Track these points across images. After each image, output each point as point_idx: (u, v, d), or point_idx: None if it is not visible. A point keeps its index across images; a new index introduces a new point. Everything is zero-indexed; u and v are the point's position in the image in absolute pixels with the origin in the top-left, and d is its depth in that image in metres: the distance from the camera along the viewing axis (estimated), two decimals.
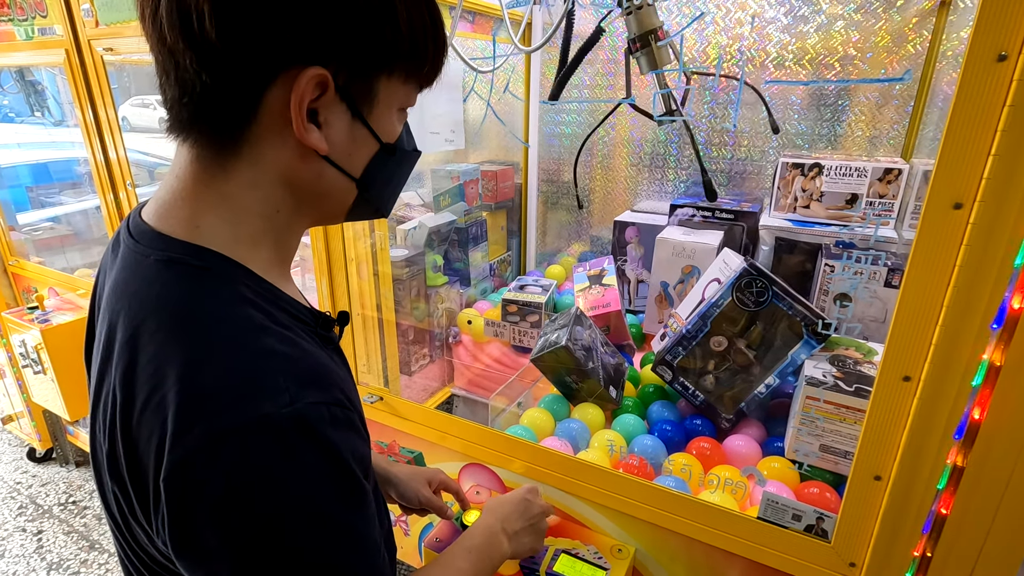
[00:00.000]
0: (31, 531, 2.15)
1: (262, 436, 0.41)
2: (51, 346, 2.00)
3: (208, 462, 0.40)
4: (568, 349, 1.16)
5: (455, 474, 1.18)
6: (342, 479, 0.45)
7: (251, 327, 0.46)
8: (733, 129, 1.58)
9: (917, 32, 1.30)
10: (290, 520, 0.41)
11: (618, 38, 1.67)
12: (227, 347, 0.44)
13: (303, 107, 0.46)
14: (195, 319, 0.45)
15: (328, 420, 0.44)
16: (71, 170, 2.66)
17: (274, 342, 0.45)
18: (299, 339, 0.48)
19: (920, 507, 0.70)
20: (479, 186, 1.82)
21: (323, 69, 0.45)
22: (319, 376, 0.46)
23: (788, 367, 1.07)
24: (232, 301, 0.47)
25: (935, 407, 0.65)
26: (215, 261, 0.48)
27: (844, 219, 1.30)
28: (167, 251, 0.48)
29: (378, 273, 1.38)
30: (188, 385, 0.42)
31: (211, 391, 0.42)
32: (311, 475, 0.43)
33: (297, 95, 0.45)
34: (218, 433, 0.40)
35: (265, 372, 0.43)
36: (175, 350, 0.43)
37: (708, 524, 0.89)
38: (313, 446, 0.43)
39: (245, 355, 0.44)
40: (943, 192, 0.59)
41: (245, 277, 0.49)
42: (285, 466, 0.41)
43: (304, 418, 0.42)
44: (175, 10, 0.43)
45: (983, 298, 0.59)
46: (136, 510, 0.47)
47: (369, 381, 1.34)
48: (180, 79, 0.45)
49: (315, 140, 0.48)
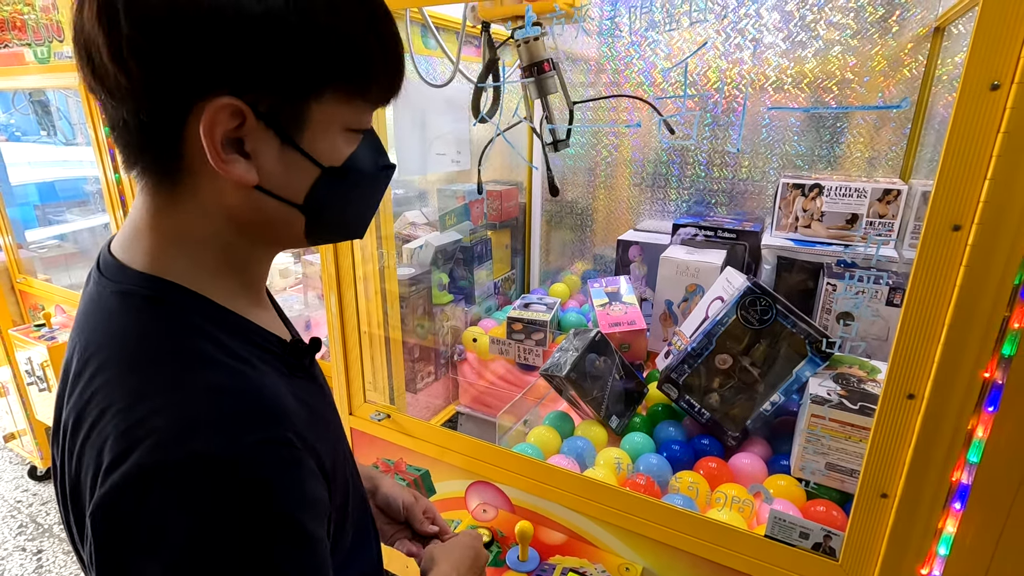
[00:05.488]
0: (31, 550, 2.13)
1: (192, 476, 0.39)
2: (57, 363, 2.01)
3: (135, 499, 0.39)
4: (570, 379, 1.17)
5: (462, 492, 1.18)
6: (277, 525, 0.42)
7: (197, 361, 0.45)
8: (735, 152, 1.61)
9: (912, 57, 1.33)
10: (212, 565, 0.39)
11: (620, 62, 1.71)
12: (170, 382, 0.43)
13: (215, 138, 0.44)
14: (141, 352, 0.45)
15: (268, 462, 0.42)
16: (78, 188, 2.69)
17: (221, 377, 0.45)
18: (253, 372, 0.47)
19: (927, 524, 0.70)
20: (484, 205, 1.84)
21: (234, 98, 0.43)
22: (265, 414, 0.44)
23: (793, 385, 1.08)
24: (182, 333, 0.46)
25: (939, 425, 0.66)
26: (169, 291, 0.48)
27: (845, 239, 1.32)
28: (123, 282, 0.48)
29: (385, 291, 1.40)
30: (125, 419, 0.41)
31: (147, 427, 0.40)
32: (241, 520, 0.40)
33: (206, 126, 0.43)
34: (148, 469, 0.39)
35: (205, 409, 0.42)
36: (120, 383, 0.43)
37: (716, 542, 0.89)
38: (247, 489, 0.41)
39: (187, 391, 0.43)
40: (942, 214, 0.61)
41: (203, 307, 0.49)
42: (214, 509, 0.39)
43: (240, 459, 0.41)
44: (82, 49, 0.43)
45: (984, 317, 0.61)
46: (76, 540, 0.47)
47: (376, 399, 1.35)
48: (108, 115, 0.46)
49: (239, 171, 0.46)
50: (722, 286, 1.24)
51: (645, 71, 1.68)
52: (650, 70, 1.67)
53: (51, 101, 2.59)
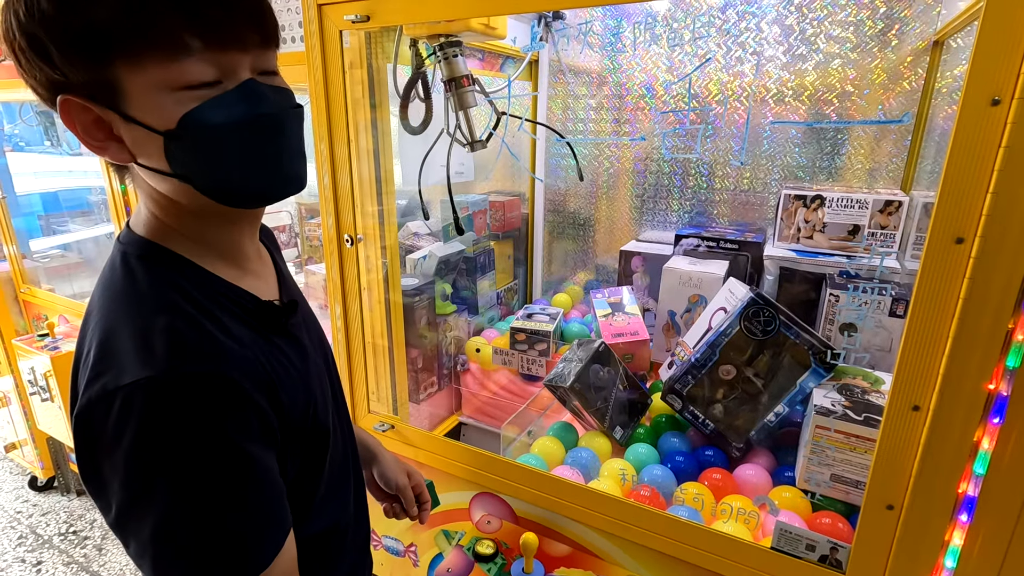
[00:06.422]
0: (31, 562, 2.12)
1: (144, 395, 0.49)
2: (60, 373, 2.01)
3: (101, 411, 0.49)
4: (574, 390, 1.17)
5: (466, 503, 1.18)
6: (206, 440, 0.51)
7: (163, 307, 0.54)
8: (739, 165, 1.62)
9: (912, 70, 1.35)
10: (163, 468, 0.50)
11: (621, 75, 1.73)
12: (136, 321, 0.53)
13: (82, 131, 0.53)
14: (122, 298, 0.55)
15: (201, 390, 0.51)
16: (82, 199, 2.71)
17: (178, 321, 0.53)
18: (210, 323, 0.55)
19: (934, 537, 0.70)
20: (487, 216, 1.85)
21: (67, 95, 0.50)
22: (207, 354, 0.53)
23: (797, 396, 1.08)
24: (157, 284, 0.56)
25: (945, 436, 0.66)
26: (155, 252, 0.58)
27: (847, 250, 1.32)
28: (123, 244, 0.59)
29: (388, 301, 1.40)
30: (100, 347, 0.52)
31: (114, 354, 0.51)
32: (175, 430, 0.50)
33: (63, 122, 0.52)
34: (111, 389, 0.49)
35: (159, 344, 0.51)
36: (102, 319, 0.54)
37: (722, 554, 0.89)
38: (183, 409, 0.50)
39: (148, 329, 0.52)
40: (945, 227, 0.61)
41: (181, 266, 0.58)
42: (153, 421, 0.49)
43: (177, 384, 0.50)
44: None
45: (987, 329, 0.61)
46: None
47: (379, 409, 1.35)
48: None
49: (112, 152, 0.54)
50: (725, 297, 1.24)
51: (647, 84, 1.70)
52: (652, 83, 1.69)
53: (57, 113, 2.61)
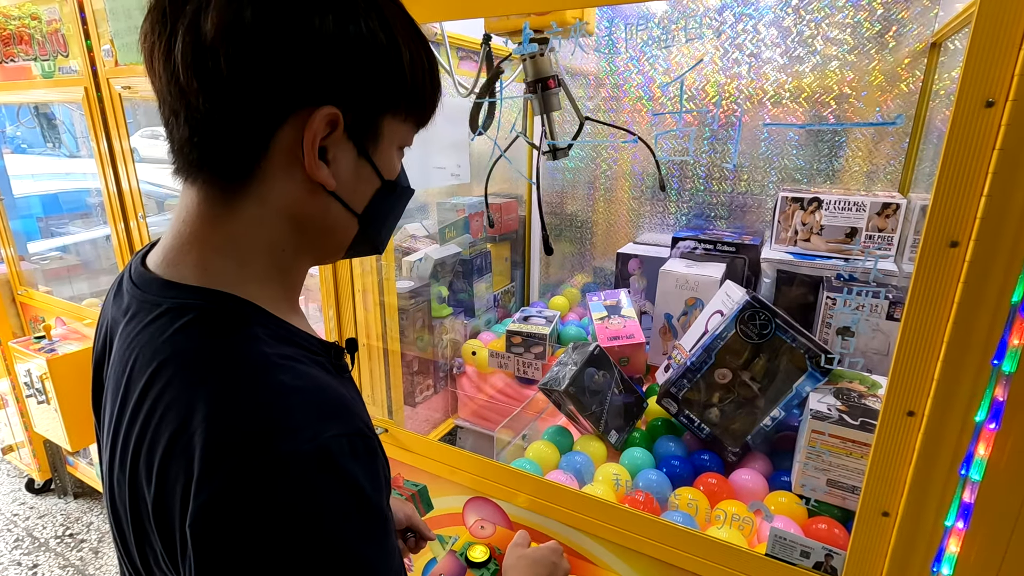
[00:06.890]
0: (27, 565, 2.11)
1: (285, 475, 0.41)
2: (56, 376, 2.01)
3: (233, 505, 0.40)
4: (568, 393, 1.16)
5: (459, 507, 1.17)
6: (365, 513, 0.45)
7: (267, 365, 0.46)
8: (733, 168, 1.61)
9: (909, 72, 1.34)
10: (315, 557, 0.41)
11: (619, 76, 1.72)
12: (247, 388, 0.44)
13: (315, 145, 0.48)
14: (214, 362, 0.46)
15: (349, 452, 0.44)
16: (81, 200, 2.71)
17: (291, 379, 0.46)
18: (313, 372, 0.49)
19: (929, 544, 0.69)
20: (484, 218, 1.84)
21: (335, 108, 0.47)
22: (338, 408, 0.46)
23: (793, 400, 1.07)
24: (246, 341, 0.47)
25: (940, 443, 0.66)
26: (226, 302, 0.49)
27: (844, 252, 1.32)
28: (177, 298, 0.49)
29: (384, 304, 1.39)
30: (213, 427, 0.42)
31: (234, 433, 0.42)
32: (335, 511, 0.43)
33: (311, 133, 0.47)
34: (242, 475, 0.41)
35: (285, 410, 0.44)
36: (197, 394, 0.44)
37: (716, 560, 0.88)
38: (336, 481, 0.43)
39: (265, 394, 0.44)
40: (939, 231, 0.60)
41: (257, 315, 0.50)
42: (309, 503, 0.41)
43: (326, 452, 0.43)
44: (191, 50, 0.44)
45: (983, 334, 0.60)
46: (160, 556, 0.47)
47: (374, 413, 1.34)
48: (190, 119, 0.47)
49: (324, 176, 0.50)
50: (721, 300, 1.24)
51: (644, 86, 1.69)
52: (649, 85, 1.68)
53: (56, 114, 2.62)
